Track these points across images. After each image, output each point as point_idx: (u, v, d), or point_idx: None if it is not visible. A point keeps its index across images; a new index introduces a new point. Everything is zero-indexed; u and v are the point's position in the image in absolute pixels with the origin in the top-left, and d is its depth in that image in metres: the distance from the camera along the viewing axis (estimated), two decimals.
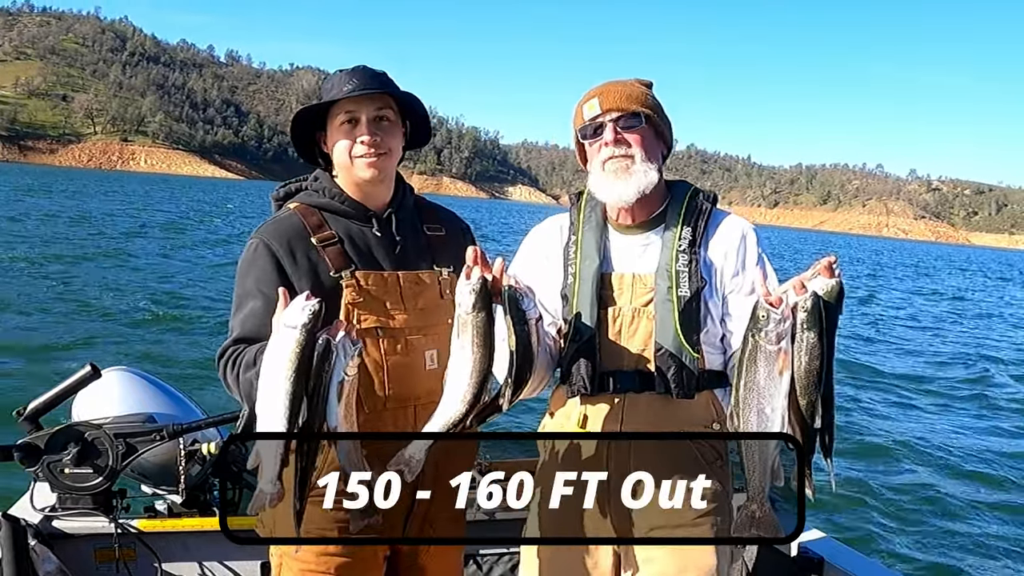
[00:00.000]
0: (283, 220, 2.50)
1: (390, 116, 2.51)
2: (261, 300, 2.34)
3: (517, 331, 2.12)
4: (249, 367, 2.22)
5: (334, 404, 2.01)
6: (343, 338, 2.02)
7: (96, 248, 25.04)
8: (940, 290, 45.19)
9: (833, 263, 2.06)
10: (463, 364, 2.09)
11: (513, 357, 2.12)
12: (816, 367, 1.99)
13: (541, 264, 2.67)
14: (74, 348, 11.42)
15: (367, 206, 2.55)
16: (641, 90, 2.57)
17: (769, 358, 2.01)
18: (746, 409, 2.05)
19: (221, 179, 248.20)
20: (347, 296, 2.40)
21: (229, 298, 2.48)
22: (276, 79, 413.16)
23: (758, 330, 2.02)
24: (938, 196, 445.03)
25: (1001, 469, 10.11)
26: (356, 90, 2.43)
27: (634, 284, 2.53)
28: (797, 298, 2.01)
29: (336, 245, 2.46)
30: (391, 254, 2.53)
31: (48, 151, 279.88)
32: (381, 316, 2.43)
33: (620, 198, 2.52)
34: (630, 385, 2.50)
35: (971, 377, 16.89)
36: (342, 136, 2.48)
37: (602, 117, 2.52)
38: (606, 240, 2.60)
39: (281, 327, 2.00)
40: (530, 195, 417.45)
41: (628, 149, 2.50)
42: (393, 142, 2.52)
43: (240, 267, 2.47)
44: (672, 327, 2.45)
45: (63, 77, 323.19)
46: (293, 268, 2.40)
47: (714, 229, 2.57)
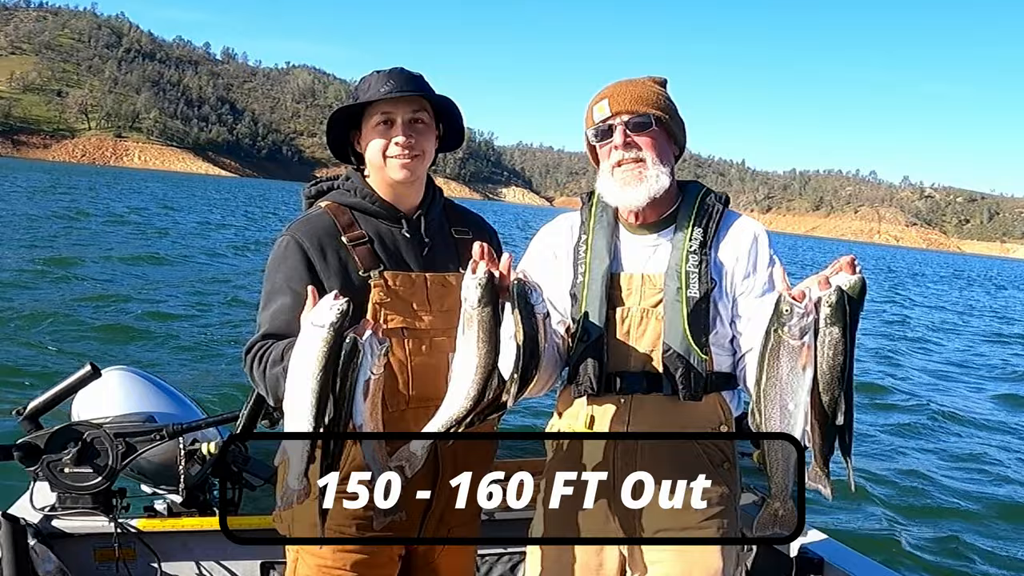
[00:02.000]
0: (314, 218, 2.51)
1: (425, 119, 2.52)
2: (290, 297, 2.36)
3: (525, 326, 2.09)
4: (276, 363, 2.23)
5: (360, 402, 2.02)
6: (370, 337, 2.02)
7: (115, 247, 24.82)
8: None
9: (854, 260, 2.04)
10: (468, 360, 2.08)
11: (520, 352, 2.09)
12: (840, 363, 1.97)
13: (550, 262, 2.66)
14: (74, 348, 11.36)
15: (397, 207, 2.56)
16: (653, 90, 2.54)
17: (792, 353, 1.98)
18: (768, 405, 2.02)
19: (215, 176, 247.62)
20: (375, 296, 2.41)
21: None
22: (272, 77, 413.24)
23: (781, 324, 1.98)
24: (930, 203, 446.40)
25: (1007, 469, 10.18)
26: (393, 91, 2.44)
27: (644, 285, 2.51)
28: (821, 293, 1.99)
29: (366, 245, 2.47)
30: (419, 255, 2.54)
31: (42, 146, 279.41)
32: (407, 317, 2.44)
33: (631, 204, 2.51)
34: (637, 386, 2.48)
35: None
36: (377, 136, 2.49)
37: (612, 119, 2.50)
38: (617, 240, 2.58)
39: (309, 325, 2.00)
40: (523, 197, 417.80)
41: (639, 152, 2.48)
42: (427, 145, 2.53)
43: (270, 263, 2.48)
44: (681, 328, 2.43)
45: (58, 72, 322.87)
46: (323, 266, 2.42)
47: (725, 231, 2.56)
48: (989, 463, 10.35)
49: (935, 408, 13.10)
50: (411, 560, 2.60)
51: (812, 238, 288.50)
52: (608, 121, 2.51)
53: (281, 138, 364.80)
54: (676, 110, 2.59)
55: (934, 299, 43.07)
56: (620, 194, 2.51)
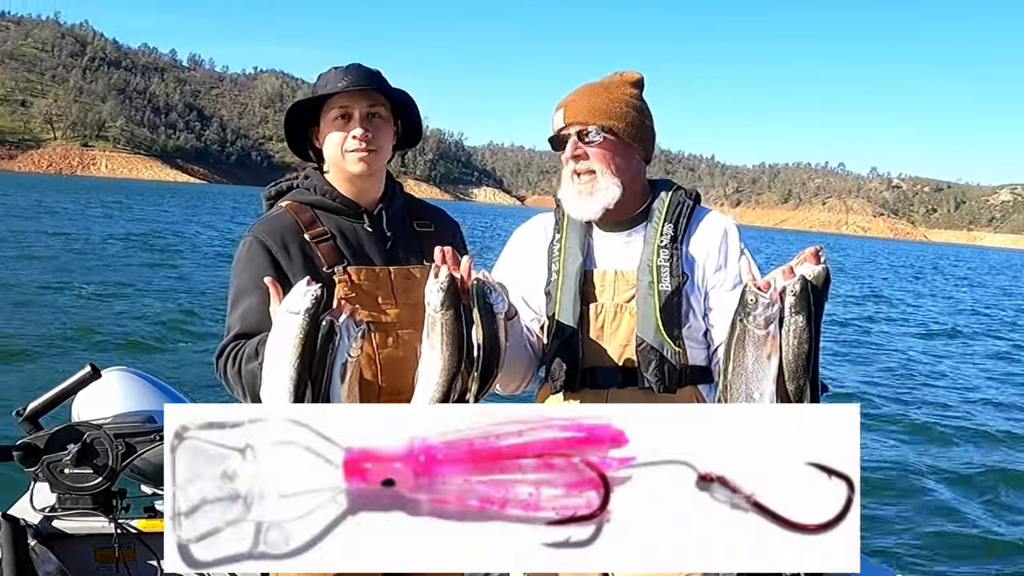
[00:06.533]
0: (275, 218, 2.55)
1: (382, 113, 2.55)
2: (258, 295, 2.36)
3: (484, 324, 2.11)
4: (251, 359, 2.25)
5: (337, 386, 2.03)
6: (347, 319, 2.04)
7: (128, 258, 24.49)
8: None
9: (819, 251, 2.07)
10: (432, 363, 2.09)
11: (480, 351, 2.12)
12: (804, 351, 1.99)
13: (525, 262, 2.70)
14: (74, 348, 11.26)
15: (358, 202, 2.59)
16: (614, 97, 2.57)
17: (757, 342, 2.01)
18: (734, 394, 2.04)
19: (183, 183, 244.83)
20: (340, 291, 2.42)
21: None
22: (239, 83, 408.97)
23: (746, 314, 2.02)
24: (898, 194, 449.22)
25: (1006, 467, 10.17)
26: (350, 86, 2.47)
27: (616, 280, 2.56)
28: (785, 282, 2.01)
29: (329, 241, 2.50)
30: (382, 250, 2.57)
31: (7, 157, 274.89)
32: (373, 311, 2.46)
33: (583, 215, 2.56)
34: (613, 380, 2.53)
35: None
36: (335, 130, 2.52)
37: (566, 130, 2.55)
38: (589, 238, 2.62)
39: (284, 312, 2.01)
40: (495, 196, 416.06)
41: (589, 163, 2.53)
42: (384, 139, 2.56)
43: (235, 265, 2.50)
44: (653, 322, 2.48)
45: (22, 82, 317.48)
46: (288, 263, 2.44)
47: (696, 226, 2.61)
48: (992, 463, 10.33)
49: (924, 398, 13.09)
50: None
51: (781, 231, 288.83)
52: (563, 131, 2.56)
53: (250, 143, 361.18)
54: (643, 114, 2.61)
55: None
56: (575, 205, 2.57)
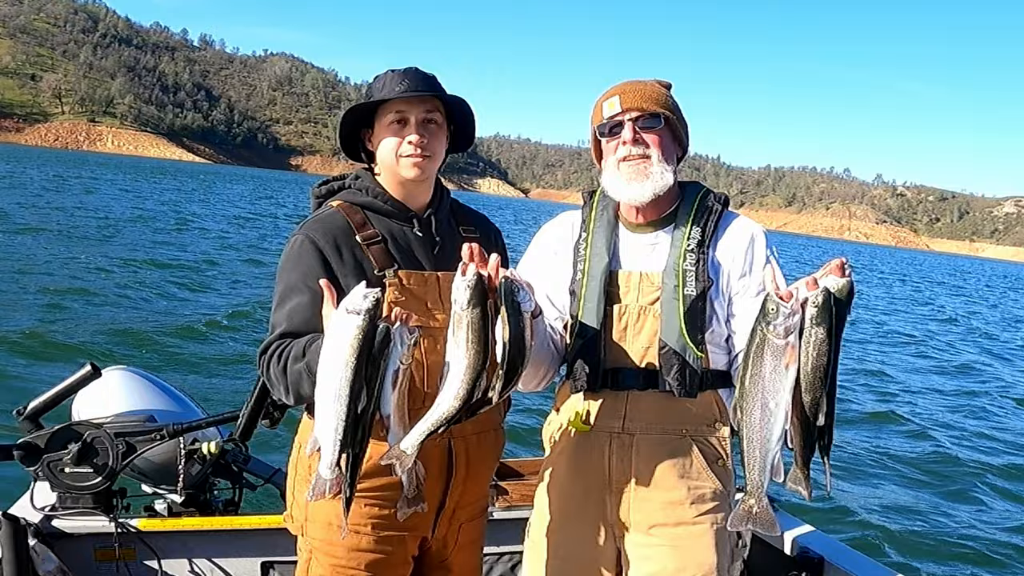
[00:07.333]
0: (327, 218, 2.51)
1: (437, 119, 2.53)
2: (308, 295, 2.35)
3: (511, 323, 2.10)
4: (298, 359, 2.23)
5: (388, 392, 2.03)
6: (400, 327, 2.03)
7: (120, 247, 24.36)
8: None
9: (844, 263, 2.06)
10: (458, 360, 2.08)
11: (506, 349, 2.11)
12: (823, 364, 1.99)
13: (551, 260, 2.70)
14: (74, 348, 11.21)
15: (408, 206, 2.57)
16: (661, 91, 2.59)
17: (776, 352, 2.00)
18: (750, 402, 2.04)
19: (188, 162, 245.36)
20: (390, 295, 2.40)
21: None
22: (249, 64, 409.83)
23: (767, 323, 2.01)
24: (902, 201, 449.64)
25: (1006, 467, 10.28)
26: (408, 91, 2.45)
27: (641, 282, 2.54)
28: (808, 293, 2.00)
29: (380, 244, 2.48)
30: (430, 254, 2.55)
31: (15, 130, 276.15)
32: (422, 315, 2.42)
33: (634, 199, 2.54)
34: (634, 382, 2.52)
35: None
36: (390, 135, 2.50)
37: (622, 116, 2.54)
38: (616, 238, 2.62)
39: (343, 312, 1.99)
40: (499, 188, 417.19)
41: (646, 149, 2.52)
42: (438, 145, 2.55)
43: (283, 262, 2.47)
44: (677, 325, 2.46)
45: (33, 56, 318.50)
46: (339, 265, 2.42)
47: (723, 230, 2.59)
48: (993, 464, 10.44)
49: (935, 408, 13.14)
50: (424, 559, 2.62)
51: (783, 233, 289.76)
52: (618, 117, 2.55)
53: (257, 125, 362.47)
54: (681, 113, 2.64)
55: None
56: (625, 189, 2.54)
